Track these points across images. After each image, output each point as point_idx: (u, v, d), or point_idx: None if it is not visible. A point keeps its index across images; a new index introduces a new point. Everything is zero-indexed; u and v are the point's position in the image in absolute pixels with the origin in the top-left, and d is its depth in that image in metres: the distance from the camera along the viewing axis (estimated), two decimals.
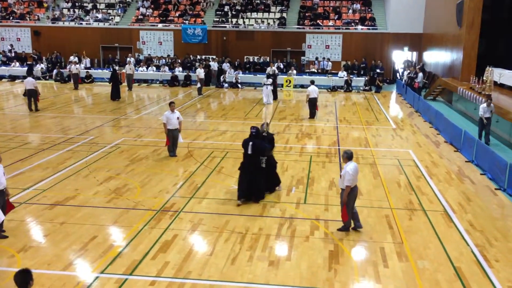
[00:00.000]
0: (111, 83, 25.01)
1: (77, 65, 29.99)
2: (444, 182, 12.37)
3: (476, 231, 9.39)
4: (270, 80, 24.37)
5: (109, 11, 37.80)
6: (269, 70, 27.22)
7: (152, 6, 37.47)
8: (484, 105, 16.12)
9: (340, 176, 9.03)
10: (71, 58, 32.72)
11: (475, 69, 22.57)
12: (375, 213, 10.08)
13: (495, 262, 8.16)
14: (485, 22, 22.73)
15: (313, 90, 20.15)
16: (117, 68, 29.85)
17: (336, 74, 31.15)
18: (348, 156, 9.01)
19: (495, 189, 11.87)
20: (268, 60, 33.34)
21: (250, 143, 10.49)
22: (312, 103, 20.27)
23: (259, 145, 10.53)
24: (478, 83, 20.00)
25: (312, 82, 20.85)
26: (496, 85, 20.35)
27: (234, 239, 8.86)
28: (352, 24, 34.23)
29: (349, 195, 8.90)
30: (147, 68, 32.56)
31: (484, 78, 19.52)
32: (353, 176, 8.79)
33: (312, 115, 20.45)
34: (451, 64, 25.39)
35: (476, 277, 7.69)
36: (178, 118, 13.98)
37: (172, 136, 14.02)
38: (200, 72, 27.46)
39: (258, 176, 10.61)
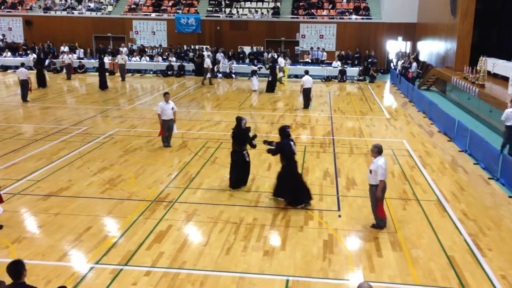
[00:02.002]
0: (98, 73, 25.17)
1: (70, 55, 29.76)
2: (438, 172, 12.43)
3: (469, 221, 9.46)
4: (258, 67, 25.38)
5: (102, 0, 37.44)
6: (280, 61, 28.15)
7: None
8: (510, 110, 13.33)
9: (370, 171, 8.73)
10: (62, 48, 32.44)
11: (469, 59, 22.60)
12: (369, 203, 10.08)
13: (488, 251, 8.24)
14: (479, 12, 22.73)
15: (307, 80, 20.13)
16: (109, 58, 29.64)
17: (330, 64, 31.10)
18: (379, 150, 8.73)
19: (488, 178, 11.95)
20: (262, 50, 33.20)
21: (291, 143, 9.86)
22: (306, 93, 20.26)
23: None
24: (471, 73, 20.04)
25: (306, 72, 20.82)
26: (489, 75, 20.39)
27: (228, 229, 8.88)
28: (346, 13, 34.11)
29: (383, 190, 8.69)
30: (140, 58, 32.34)
31: (478, 68, 19.56)
32: (386, 170, 8.61)
33: (306, 105, 20.44)
34: (445, 54, 25.41)
35: (469, 266, 7.76)
36: (172, 108, 13.93)
37: (166, 127, 13.97)
38: (208, 62, 27.45)
39: (301, 178, 10.24)
